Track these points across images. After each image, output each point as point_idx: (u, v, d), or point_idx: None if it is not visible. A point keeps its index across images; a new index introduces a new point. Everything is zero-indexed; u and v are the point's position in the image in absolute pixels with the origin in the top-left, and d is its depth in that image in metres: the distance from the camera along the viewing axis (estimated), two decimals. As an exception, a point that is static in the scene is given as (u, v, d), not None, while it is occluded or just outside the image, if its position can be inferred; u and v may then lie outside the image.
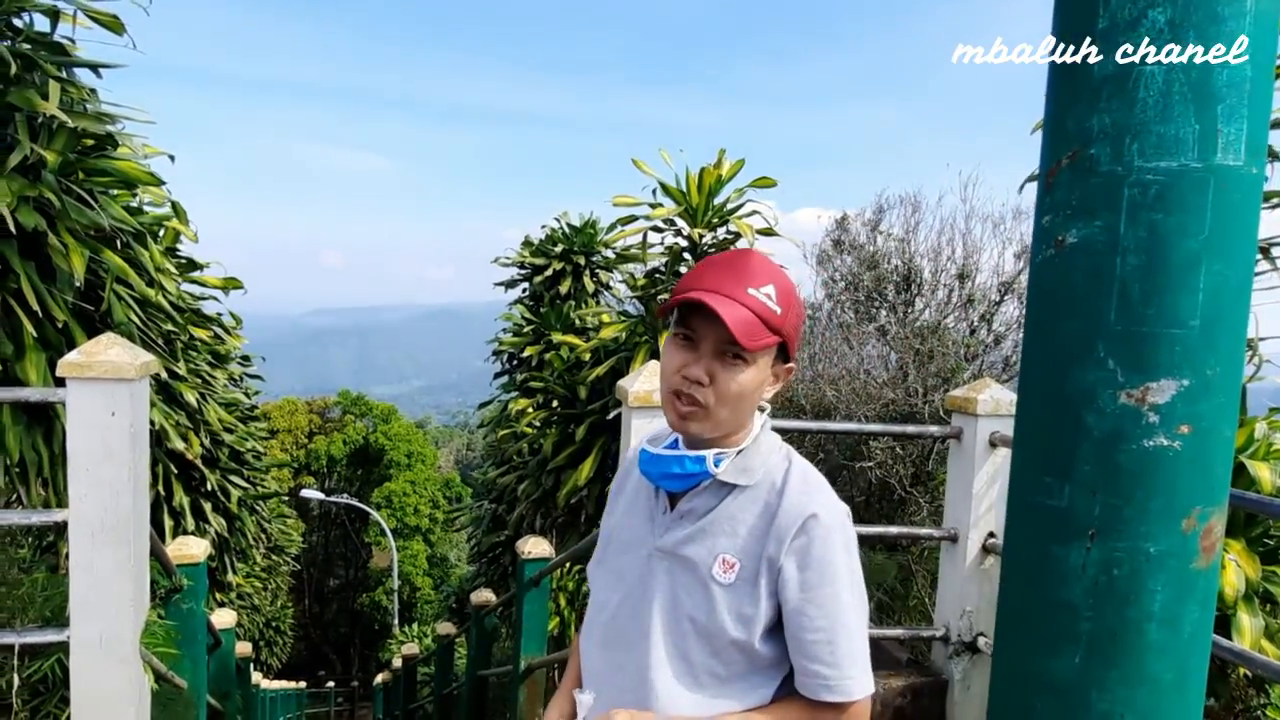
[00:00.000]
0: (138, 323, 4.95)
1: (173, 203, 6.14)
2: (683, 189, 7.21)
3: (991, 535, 3.19)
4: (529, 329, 11.74)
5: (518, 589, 4.62)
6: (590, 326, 9.80)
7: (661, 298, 7.24)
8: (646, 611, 1.26)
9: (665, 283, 7.31)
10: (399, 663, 11.87)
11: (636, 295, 7.86)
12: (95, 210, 4.49)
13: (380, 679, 14.55)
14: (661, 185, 7.24)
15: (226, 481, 8.38)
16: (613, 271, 12.14)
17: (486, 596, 6.18)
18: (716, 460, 1.23)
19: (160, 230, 6.51)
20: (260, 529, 10.13)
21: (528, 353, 11.27)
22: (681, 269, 7.37)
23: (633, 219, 7.36)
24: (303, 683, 17.44)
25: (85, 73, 4.80)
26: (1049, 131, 0.79)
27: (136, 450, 2.68)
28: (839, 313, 7.15)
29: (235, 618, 6.23)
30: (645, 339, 7.28)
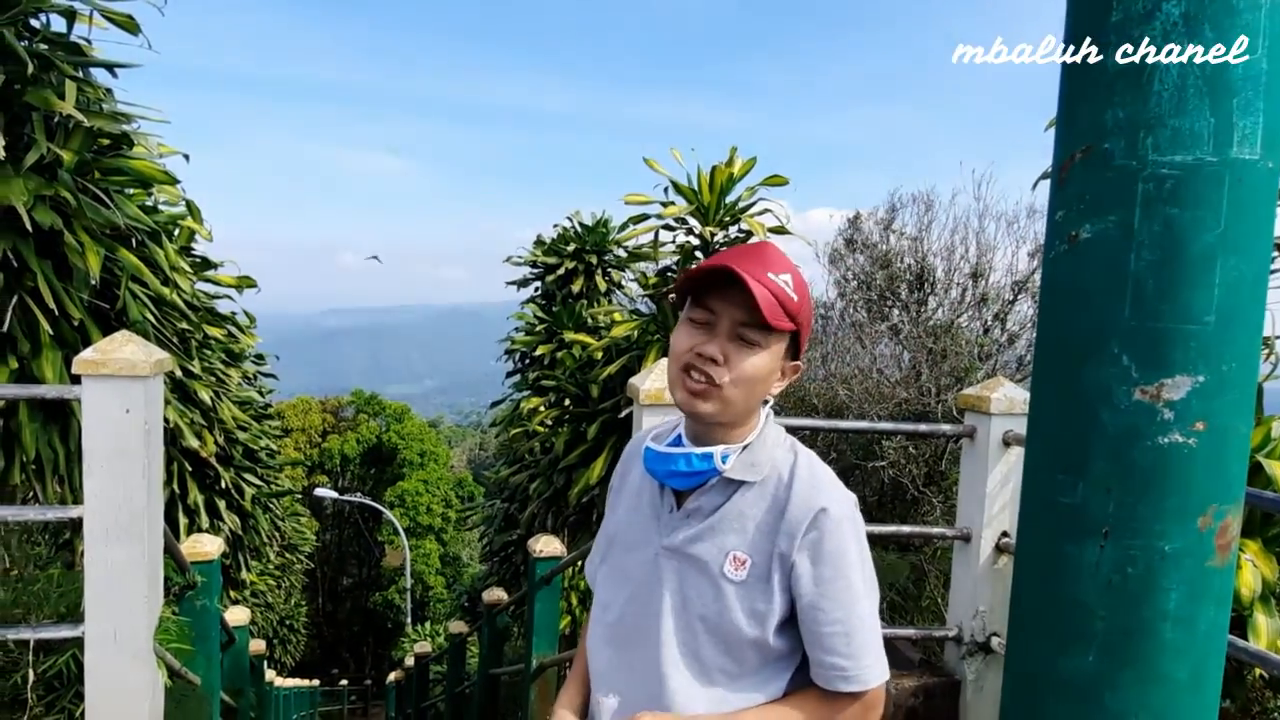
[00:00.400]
0: (152, 321, 4.99)
1: (187, 202, 6.18)
2: (694, 187, 7.20)
3: (1005, 535, 3.17)
4: (541, 328, 11.76)
5: (529, 587, 4.62)
6: (602, 325, 9.81)
7: (673, 297, 7.24)
8: (656, 612, 1.25)
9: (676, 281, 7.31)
10: (411, 661, 11.92)
11: (648, 294, 7.85)
12: (111, 209, 4.52)
13: (393, 677, 14.62)
14: (673, 184, 7.24)
15: (241, 479, 8.44)
16: (624, 270, 12.14)
17: (498, 595, 6.20)
18: (724, 457, 1.22)
19: (175, 229, 6.56)
20: (274, 527, 10.20)
21: (540, 351, 11.29)
22: (693, 267, 7.36)
23: (644, 218, 7.36)
24: (316, 681, 17.54)
25: (101, 72, 4.85)
26: (1062, 126, 0.78)
27: (151, 447, 2.70)
28: (851, 312, 7.13)
29: (249, 615, 6.27)
30: (657, 337, 7.28)
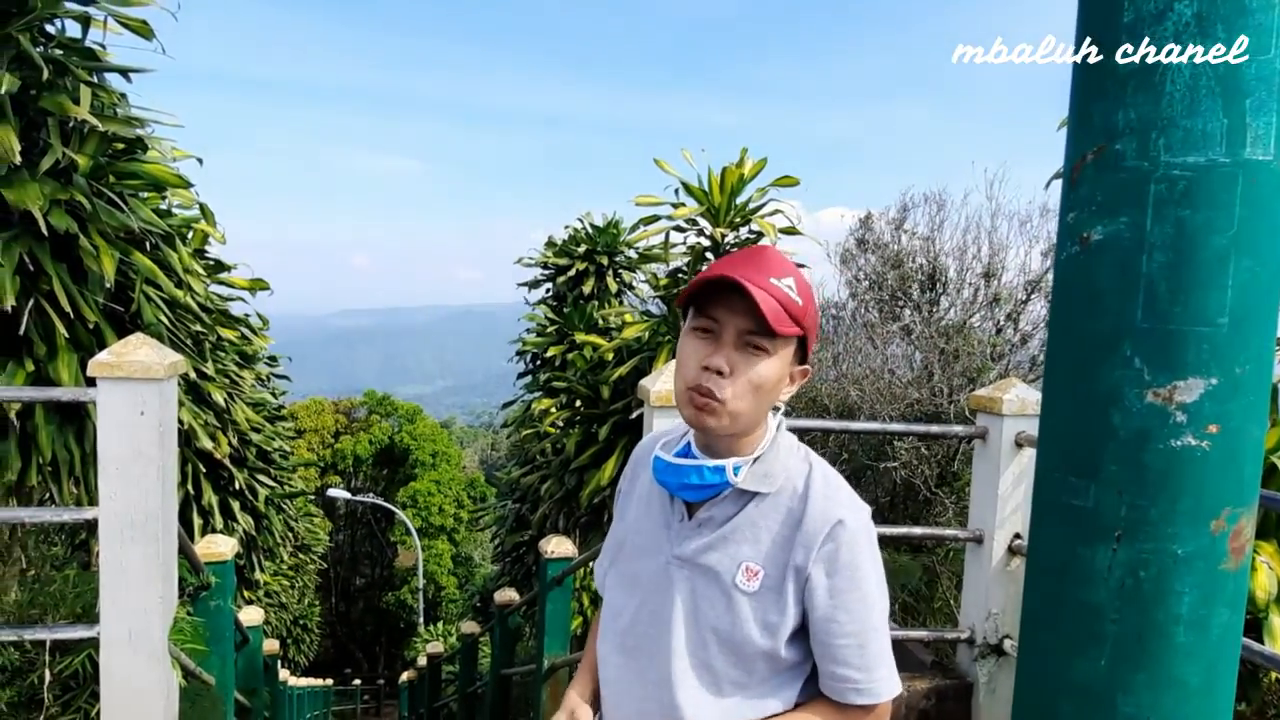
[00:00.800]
0: (166, 323, 5.02)
1: (201, 205, 6.23)
2: (705, 188, 7.20)
3: (1018, 537, 3.15)
4: (552, 329, 11.78)
5: (541, 588, 4.63)
6: (613, 326, 9.82)
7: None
8: (666, 622, 1.24)
9: (687, 282, 7.31)
10: (424, 661, 11.96)
11: (659, 295, 7.86)
12: (125, 213, 4.56)
13: (406, 677, 14.67)
14: (684, 185, 7.24)
15: (254, 480, 8.49)
16: (635, 271, 12.15)
17: (510, 595, 6.21)
18: (735, 469, 1.21)
19: (189, 232, 6.61)
20: (287, 527, 10.26)
21: (551, 353, 11.31)
22: (703, 268, 7.35)
23: (655, 219, 7.36)
24: (329, 680, 17.63)
25: (115, 77, 4.89)
26: (1073, 127, 0.77)
27: (165, 449, 2.73)
28: (863, 312, 7.11)
29: (263, 615, 6.31)
30: (668, 339, 7.28)
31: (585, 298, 12.05)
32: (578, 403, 8.61)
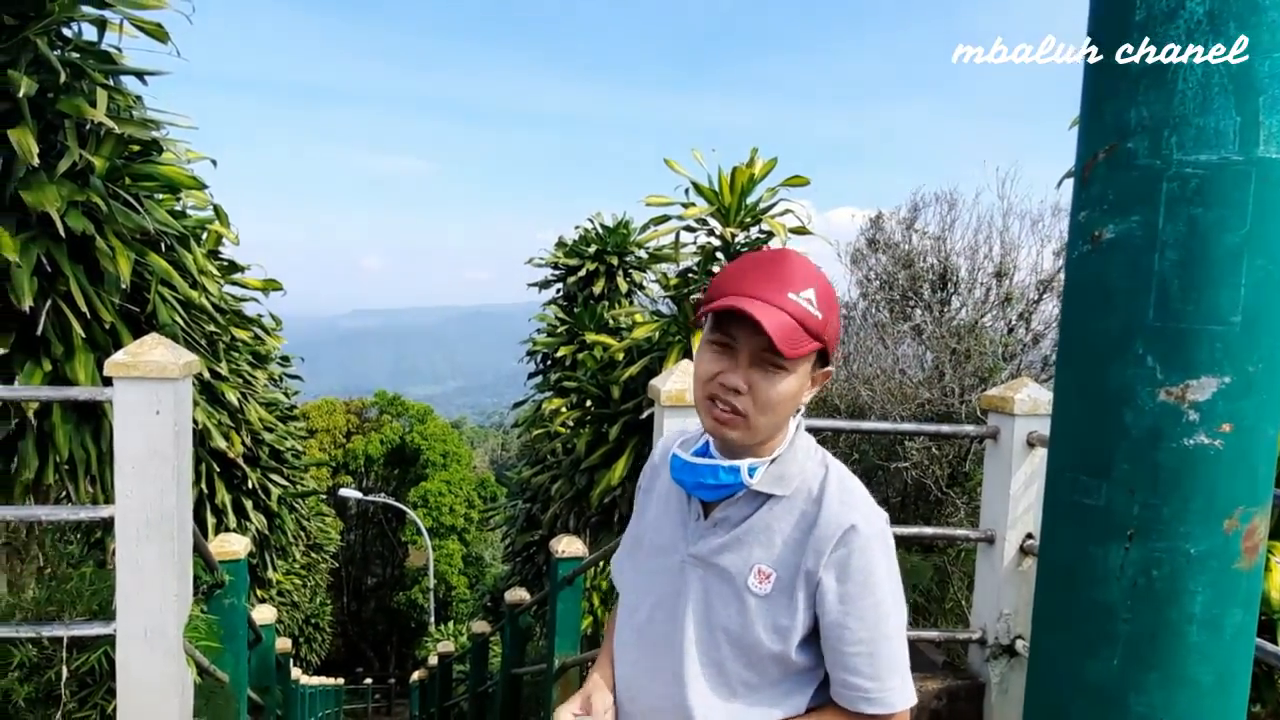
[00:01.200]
0: (181, 324, 5.06)
1: (215, 206, 6.27)
2: (715, 188, 7.19)
3: (1029, 537, 3.14)
4: (563, 329, 11.80)
5: (551, 588, 4.64)
6: (623, 326, 9.82)
7: (695, 297, 7.23)
8: (679, 619, 1.24)
9: (698, 282, 7.30)
10: (435, 660, 12.00)
11: (669, 295, 7.85)
12: (141, 214, 4.60)
13: (417, 676, 14.73)
14: (694, 185, 7.23)
15: (267, 480, 8.54)
16: (645, 271, 12.15)
17: (521, 595, 6.23)
18: (751, 470, 1.20)
19: (203, 233, 6.66)
20: (300, 527, 10.32)
21: (561, 353, 11.33)
22: (714, 268, 7.35)
23: (665, 219, 7.36)
24: (341, 679, 17.71)
25: (131, 80, 4.93)
26: (1085, 126, 0.77)
27: (180, 448, 2.75)
28: (874, 312, 7.09)
29: (275, 614, 6.34)
30: (678, 338, 7.27)
31: (595, 298, 12.06)
32: (588, 402, 8.62)
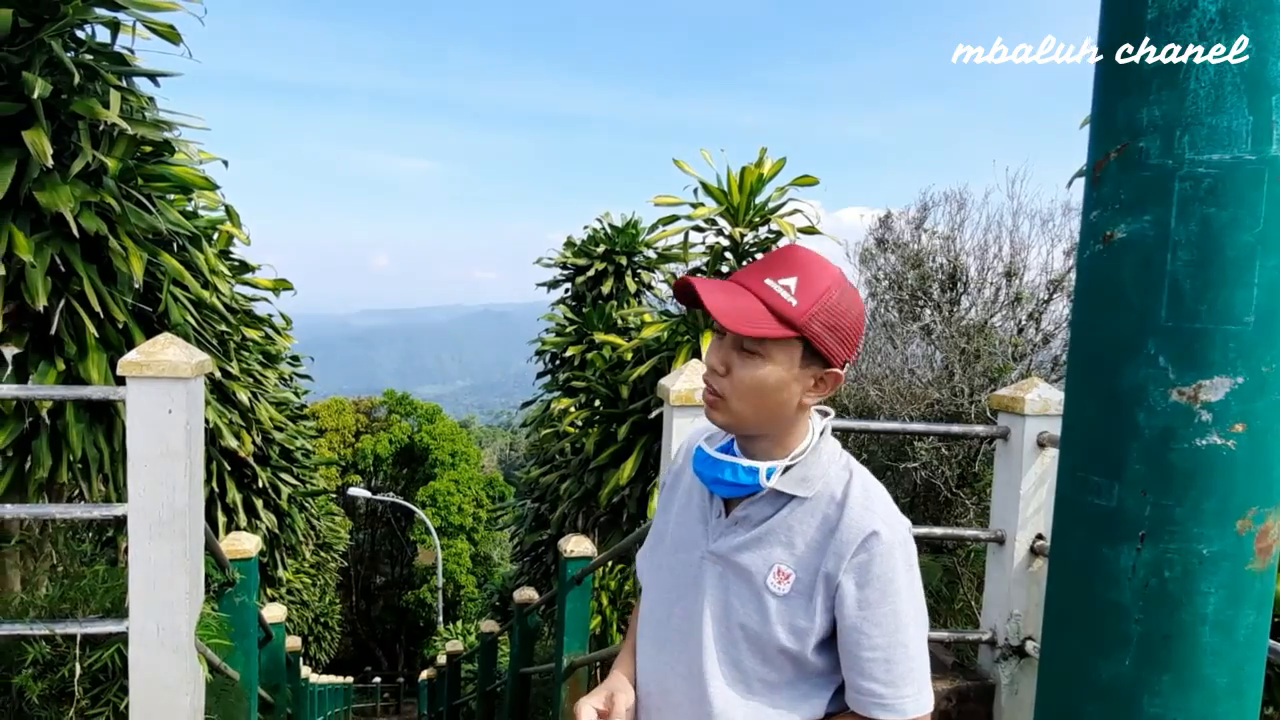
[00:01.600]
0: (193, 323, 5.09)
1: (226, 207, 6.31)
2: (724, 188, 7.19)
3: (1040, 538, 3.12)
4: (571, 329, 11.81)
5: (560, 587, 4.65)
6: (632, 326, 9.82)
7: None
8: (698, 615, 1.24)
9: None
10: (443, 660, 12.03)
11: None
12: (153, 214, 4.63)
13: (425, 675, 14.76)
14: (703, 185, 7.23)
15: (277, 479, 8.58)
16: (654, 271, 12.15)
17: (529, 595, 6.24)
18: (769, 473, 1.20)
19: (214, 233, 6.69)
20: (309, 526, 10.36)
21: (570, 352, 11.34)
22: (722, 268, 7.35)
23: (674, 219, 7.36)
24: (350, 678, 17.77)
25: (143, 81, 4.96)
26: (1096, 125, 0.77)
27: (192, 447, 2.76)
28: (883, 312, 7.07)
29: (285, 612, 6.37)
30: (687, 338, 7.27)
31: (604, 297, 12.07)
32: (597, 402, 8.62)
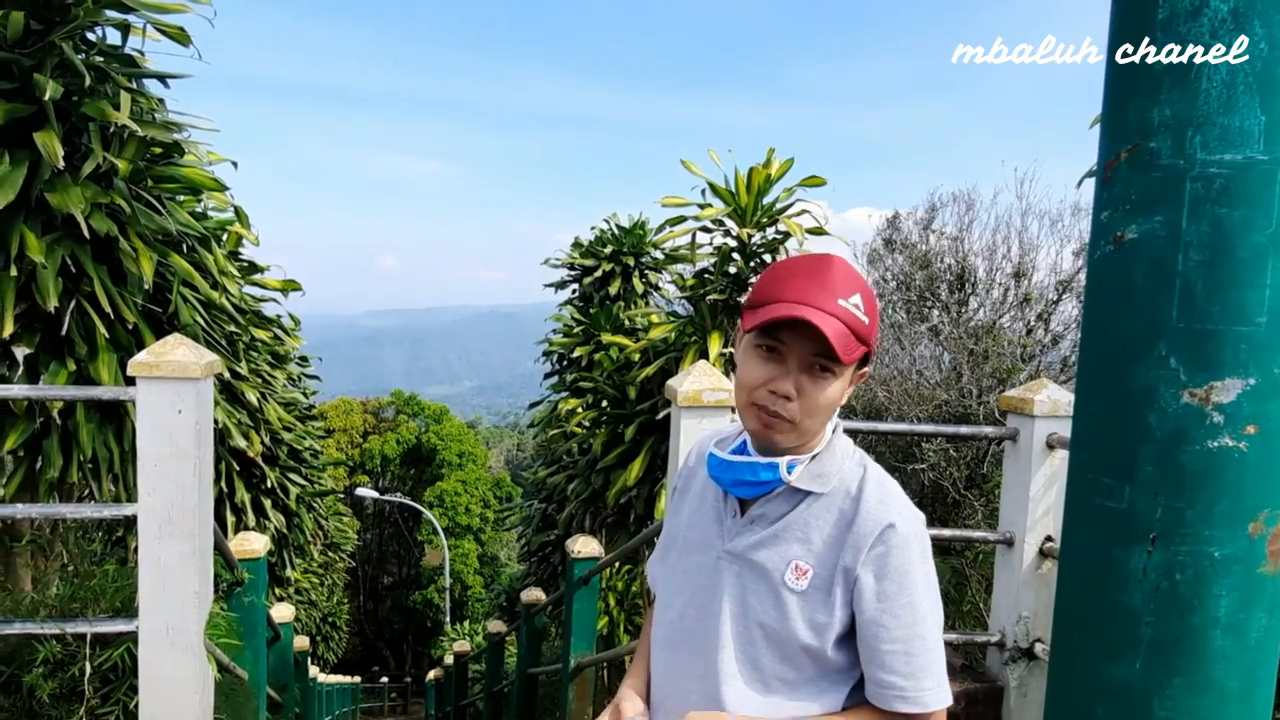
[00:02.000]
0: (202, 324, 5.12)
1: (235, 208, 6.33)
2: (731, 189, 7.18)
3: (1049, 539, 3.11)
4: (579, 330, 11.82)
5: (567, 588, 4.65)
6: (639, 327, 9.82)
7: (711, 298, 7.22)
8: (715, 616, 1.24)
9: (714, 283, 7.29)
10: (451, 660, 12.05)
11: (685, 296, 7.85)
12: (163, 216, 4.65)
13: (433, 675, 14.80)
14: (710, 185, 7.23)
15: (285, 479, 8.61)
16: (661, 272, 12.15)
17: (536, 595, 6.24)
18: (790, 467, 1.21)
19: (223, 234, 6.73)
20: (317, 526, 10.39)
21: (577, 353, 11.35)
22: (730, 269, 7.34)
23: (681, 219, 7.36)
24: (357, 677, 17.82)
25: (153, 83, 4.99)
26: (1107, 125, 0.77)
27: (202, 447, 2.77)
28: (890, 312, 7.05)
29: (293, 612, 6.39)
30: (694, 339, 7.27)
31: (611, 298, 12.07)
32: (604, 403, 8.62)
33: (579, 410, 9.20)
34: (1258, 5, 0.66)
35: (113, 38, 4.69)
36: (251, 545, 3.81)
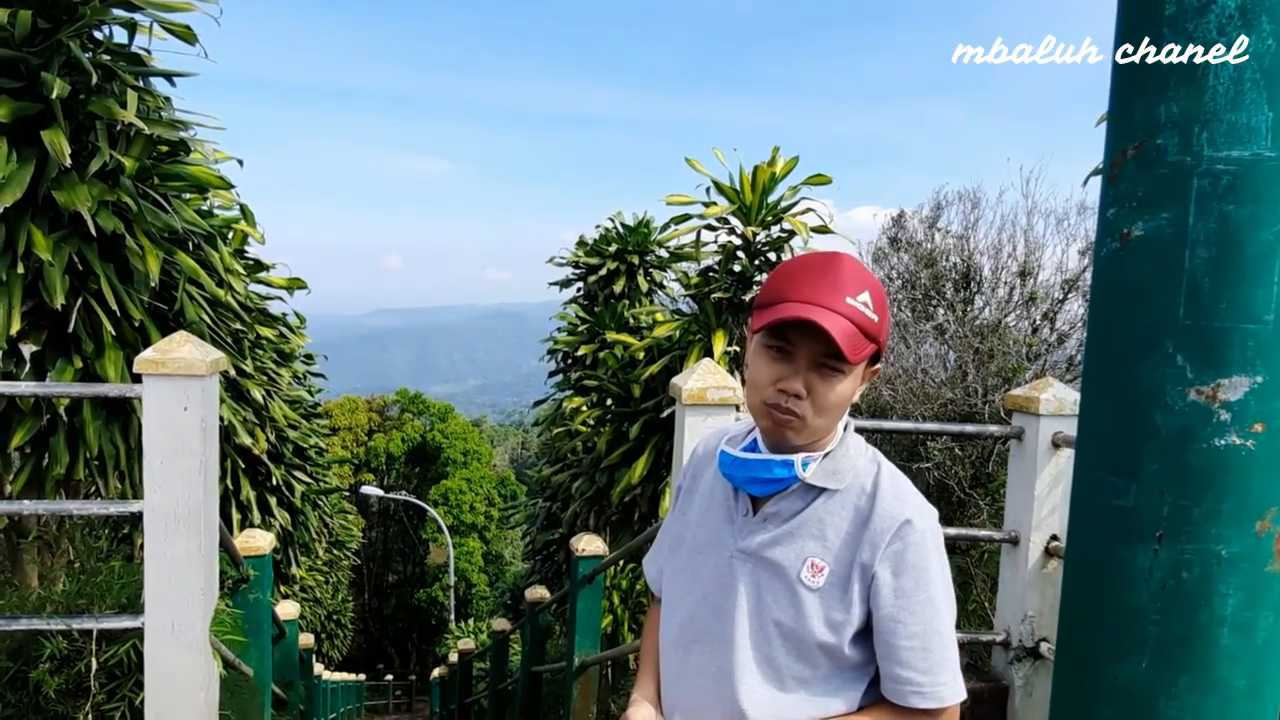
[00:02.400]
0: (208, 322, 5.13)
1: (241, 206, 6.35)
2: (736, 187, 7.18)
3: (1054, 538, 3.11)
4: (583, 328, 11.82)
5: (572, 586, 4.66)
6: (644, 325, 9.82)
7: (716, 296, 7.22)
8: (729, 615, 1.24)
9: (719, 281, 7.29)
10: (455, 658, 12.07)
11: (690, 294, 7.85)
12: (169, 214, 4.66)
13: (437, 673, 14.82)
14: (715, 184, 7.22)
15: (291, 477, 8.64)
16: (666, 270, 12.16)
17: (541, 593, 6.25)
18: (804, 464, 1.21)
19: (229, 232, 6.74)
20: (322, 524, 10.42)
21: (582, 351, 11.36)
22: (734, 267, 7.34)
23: (686, 218, 7.36)
24: (362, 675, 17.86)
25: (160, 81, 5.00)
26: (1113, 122, 0.77)
27: (207, 444, 2.78)
28: (896, 311, 7.04)
29: (298, 609, 6.41)
30: (699, 337, 7.27)
31: (616, 296, 12.07)
32: (609, 401, 8.63)
33: (583, 408, 9.21)
34: (1266, 1, 0.66)
35: (119, 36, 4.71)
36: (256, 542, 3.81)
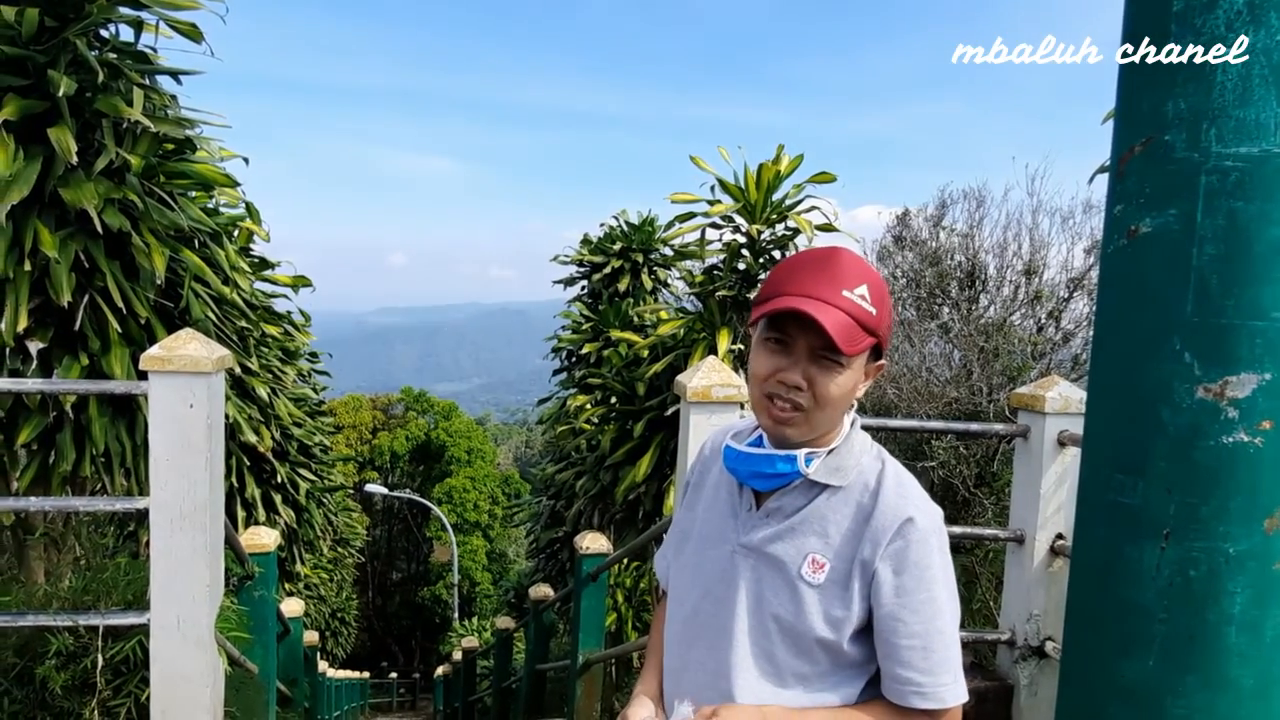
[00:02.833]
0: (214, 319, 5.14)
1: (247, 204, 6.36)
2: (741, 185, 7.17)
3: (1060, 537, 3.10)
4: (588, 326, 11.82)
5: (575, 584, 4.66)
6: (648, 323, 9.82)
7: (720, 294, 7.21)
8: (729, 609, 1.24)
9: (723, 279, 7.29)
10: (459, 656, 12.08)
11: (694, 292, 7.85)
12: (175, 211, 4.67)
13: (441, 671, 14.84)
14: (720, 182, 7.21)
15: (295, 474, 8.65)
16: (671, 268, 12.15)
17: (544, 591, 6.25)
18: (808, 460, 1.20)
19: (235, 230, 6.75)
20: (327, 521, 10.44)
21: (586, 350, 11.35)
22: (739, 265, 7.33)
23: (691, 216, 7.35)
24: (366, 673, 17.88)
25: (166, 79, 5.01)
26: (1121, 118, 0.76)
27: (213, 441, 2.79)
28: (900, 310, 7.03)
29: (303, 607, 6.43)
30: (703, 335, 7.26)
31: (620, 295, 12.07)
32: (613, 399, 8.63)
33: (588, 407, 9.21)
34: (1275, -4, 0.66)
35: (126, 34, 4.72)
36: (262, 540, 3.82)
